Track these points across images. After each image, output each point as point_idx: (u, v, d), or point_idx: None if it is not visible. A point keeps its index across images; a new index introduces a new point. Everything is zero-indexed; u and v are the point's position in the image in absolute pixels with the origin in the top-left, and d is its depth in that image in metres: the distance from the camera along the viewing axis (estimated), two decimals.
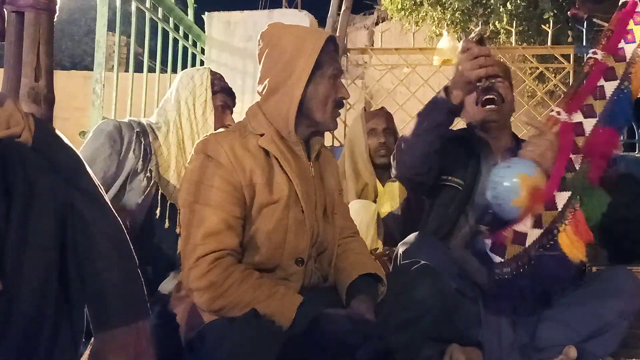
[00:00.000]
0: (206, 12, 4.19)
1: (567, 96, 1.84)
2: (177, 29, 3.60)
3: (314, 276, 1.55)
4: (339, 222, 1.64)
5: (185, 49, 3.79)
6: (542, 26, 4.65)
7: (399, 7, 6.81)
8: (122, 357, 1.09)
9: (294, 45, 1.51)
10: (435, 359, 1.65)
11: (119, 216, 1.17)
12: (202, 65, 3.98)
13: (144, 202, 1.93)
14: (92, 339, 1.10)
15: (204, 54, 4.11)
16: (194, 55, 3.94)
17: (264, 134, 1.51)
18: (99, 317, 1.10)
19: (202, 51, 4.11)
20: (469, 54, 1.72)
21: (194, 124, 2.03)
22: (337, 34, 3.89)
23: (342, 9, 3.97)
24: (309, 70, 1.49)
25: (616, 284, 1.77)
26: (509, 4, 5.90)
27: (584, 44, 4.11)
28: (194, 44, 3.97)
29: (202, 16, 4.17)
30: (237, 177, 1.44)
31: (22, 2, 1.26)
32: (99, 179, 1.19)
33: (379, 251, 2.39)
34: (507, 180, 1.68)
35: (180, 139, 2.02)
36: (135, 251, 1.17)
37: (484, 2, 6.28)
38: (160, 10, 3.33)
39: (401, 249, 1.85)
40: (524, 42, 5.84)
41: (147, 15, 3.15)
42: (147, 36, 3.19)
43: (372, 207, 2.52)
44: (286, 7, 8.41)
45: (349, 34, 5.15)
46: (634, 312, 1.77)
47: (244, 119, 1.58)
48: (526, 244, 1.71)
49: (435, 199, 2.04)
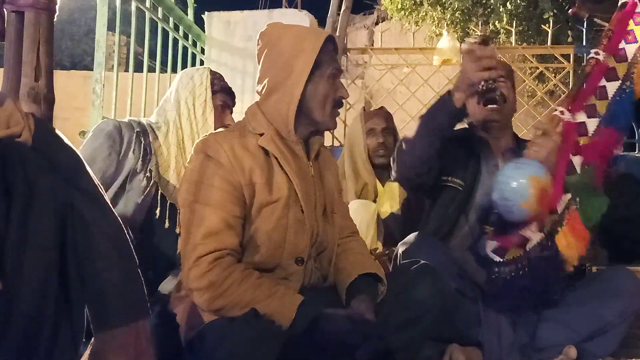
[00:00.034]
0: (206, 12, 4.19)
1: (570, 96, 1.84)
2: (177, 28, 3.60)
3: (314, 276, 1.55)
4: (338, 222, 1.64)
5: (185, 49, 3.79)
6: (542, 26, 4.65)
7: (399, 6, 6.81)
8: (122, 357, 1.09)
9: (293, 45, 1.51)
10: (435, 359, 1.65)
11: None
12: (202, 65, 3.97)
13: (143, 202, 1.93)
14: (92, 339, 1.10)
15: (203, 54, 4.11)
16: (193, 55, 3.94)
17: (263, 134, 1.51)
18: (99, 317, 1.10)
19: (202, 51, 4.11)
20: (472, 55, 1.72)
21: (193, 124, 2.03)
22: (337, 34, 3.90)
23: (342, 8, 3.97)
24: (308, 69, 1.49)
25: (616, 284, 1.77)
26: (508, 3, 5.90)
27: (584, 44, 4.11)
28: (194, 44, 3.97)
29: (202, 16, 4.17)
30: (237, 176, 1.44)
31: (22, 1, 1.26)
32: (97, 179, 1.19)
33: (378, 251, 2.39)
34: (517, 181, 1.65)
35: (180, 139, 2.02)
36: (135, 251, 1.17)
37: (484, 2, 6.28)
38: (160, 10, 3.33)
39: (401, 249, 1.85)
40: (524, 42, 5.84)
41: (147, 15, 3.15)
42: (147, 36, 3.18)
43: (372, 207, 2.52)
44: (286, 7, 8.41)
45: (349, 33, 5.15)
46: (634, 312, 1.77)
47: (244, 119, 1.58)
48: (527, 247, 1.71)
49: (435, 199, 2.04)
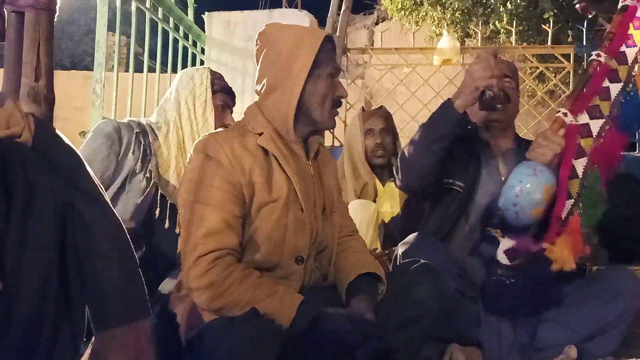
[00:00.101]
0: (206, 12, 4.19)
1: (572, 97, 1.83)
2: (177, 28, 3.60)
3: (314, 275, 1.55)
4: (338, 221, 1.64)
5: (185, 49, 3.79)
6: (542, 26, 4.65)
7: (399, 6, 6.81)
8: (122, 356, 1.09)
9: (291, 44, 1.51)
10: (435, 359, 1.64)
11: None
12: (202, 65, 3.97)
13: (143, 202, 1.93)
14: (93, 339, 1.10)
15: (204, 54, 4.11)
16: (194, 55, 3.94)
17: (262, 133, 1.51)
18: (99, 316, 1.09)
19: (202, 51, 4.11)
20: (483, 62, 1.73)
21: (194, 124, 2.02)
22: (337, 34, 3.90)
23: (342, 8, 3.98)
24: (307, 69, 1.49)
25: (616, 284, 1.77)
26: (509, 3, 5.90)
27: (584, 44, 4.11)
28: (194, 44, 3.97)
29: (202, 16, 4.17)
30: (237, 176, 1.44)
31: (22, 2, 1.26)
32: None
33: (378, 251, 2.38)
34: (532, 189, 1.63)
35: (180, 139, 2.02)
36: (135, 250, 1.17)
37: (484, 1, 6.28)
38: (160, 10, 3.33)
39: (401, 249, 1.84)
40: (524, 41, 5.84)
41: (147, 15, 3.15)
42: (147, 36, 3.18)
43: (372, 207, 2.52)
44: (286, 7, 8.41)
45: (349, 33, 5.15)
46: (634, 312, 1.76)
47: (243, 119, 1.58)
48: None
49: (435, 200, 2.04)
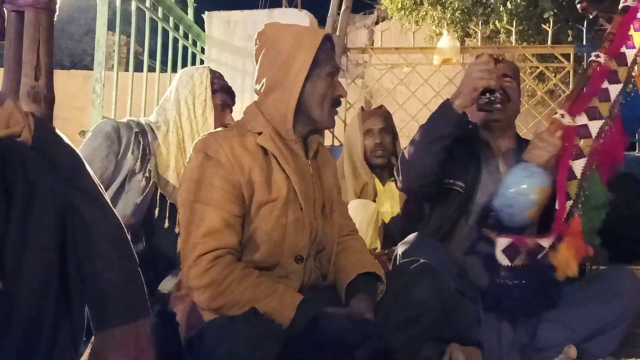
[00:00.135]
0: (206, 12, 4.19)
1: (571, 98, 1.83)
2: (177, 28, 3.59)
3: (314, 274, 1.55)
4: (337, 220, 1.64)
5: (185, 48, 3.79)
6: (542, 25, 4.65)
7: (399, 6, 6.82)
8: (122, 356, 1.09)
9: (291, 44, 1.51)
10: (435, 359, 1.64)
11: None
12: (202, 64, 3.97)
13: (142, 202, 1.93)
14: (92, 338, 1.10)
15: (204, 54, 4.10)
16: (194, 54, 3.94)
17: (262, 133, 1.51)
18: (99, 316, 1.09)
19: (202, 50, 4.11)
20: (483, 63, 1.73)
21: (193, 123, 2.02)
22: (337, 34, 3.90)
23: (342, 8, 3.98)
24: (306, 68, 1.49)
25: (616, 284, 1.77)
26: (509, 3, 5.91)
27: (584, 44, 4.11)
28: (194, 44, 3.97)
29: (202, 15, 4.17)
30: (237, 176, 1.44)
31: (22, 1, 1.26)
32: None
33: (377, 251, 2.38)
34: (526, 190, 1.65)
35: (180, 138, 2.01)
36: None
37: (484, 1, 6.29)
38: (160, 9, 3.32)
39: (400, 249, 1.84)
40: (524, 41, 5.84)
41: (147, 14, 3.14)
42: (147, 35, 3.18)
43: (372, 207, 2.52)
44: (286, 7, 8.39)
45: (349, 33, 5.15)
46: (634, 312, 1.76)
47: (242, 118, 1.58)
48: (539, 257, 1.70)
49: (436, 200, 2.04)
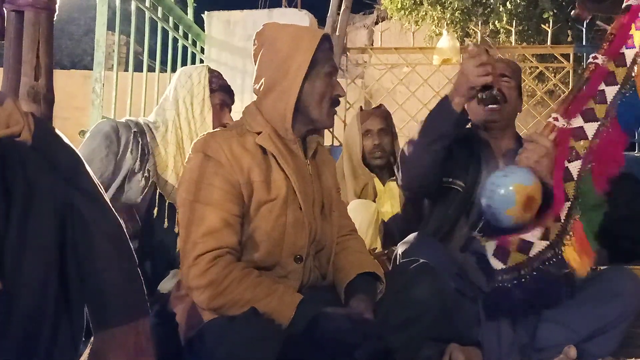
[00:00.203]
0: (206, 12, 4.19)
1: (567, 101, 1.83)
2: (176, 28, 3.60)
3: (313, 274, 1.55)
4: (337, 220, 1.64)
5: (185, 48, 3.79)
6: (542, 26, 4.65)
7: (399, 6, 6.81)
8: (122, 356, 1.09)
9: (289, 44, 1.51)
10: (434, 359, 1.64)
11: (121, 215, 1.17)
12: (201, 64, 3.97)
13: (142, 202, 1.93)
14: (92, 338, 1.10)
15: (203, 53, 4.11)
16: (193, 54, 3.94)
17: (261, 132, 1.51)
18: (99, 316, 1.10)
19: (202, 50, 4.11)
20: (476, 59, 1.73)
21: (192, 123, 2.02)
22: (337, 33, 3.90)
23: (342, 8, 3.97)
24: (304, 68, 1.50)
25: (616, 284, 1.77)
26: (508, 3, 5.90)
27: (584, 44, 4.11)
28: (194, 43, 3.97)
29: (202, 15, 4.17)
30: (236, 175, 1.44)
31: (21, 1, 1.26)
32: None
33: (377, 251, 2.38)
34: (502, 189, 1.66)
35: (179, 138, 2.01)
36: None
37: (484, 1, 6.28)
38: (160, 9, 3.33)
39: (400, 249, 1.84)
40: (524, 41, 5.83)
41: (147, 14, 3.14)
42: (146, 35, 3.19)
43: (372, 207, 2.52)
44: (286, 7, 8.38)
45: (348, 33, 5.15)
46: (634, 312, 1.76)
47: (241, 118, 1.59)
48: (530, 253, 1.70)
49: (436, 200, 2.04)
